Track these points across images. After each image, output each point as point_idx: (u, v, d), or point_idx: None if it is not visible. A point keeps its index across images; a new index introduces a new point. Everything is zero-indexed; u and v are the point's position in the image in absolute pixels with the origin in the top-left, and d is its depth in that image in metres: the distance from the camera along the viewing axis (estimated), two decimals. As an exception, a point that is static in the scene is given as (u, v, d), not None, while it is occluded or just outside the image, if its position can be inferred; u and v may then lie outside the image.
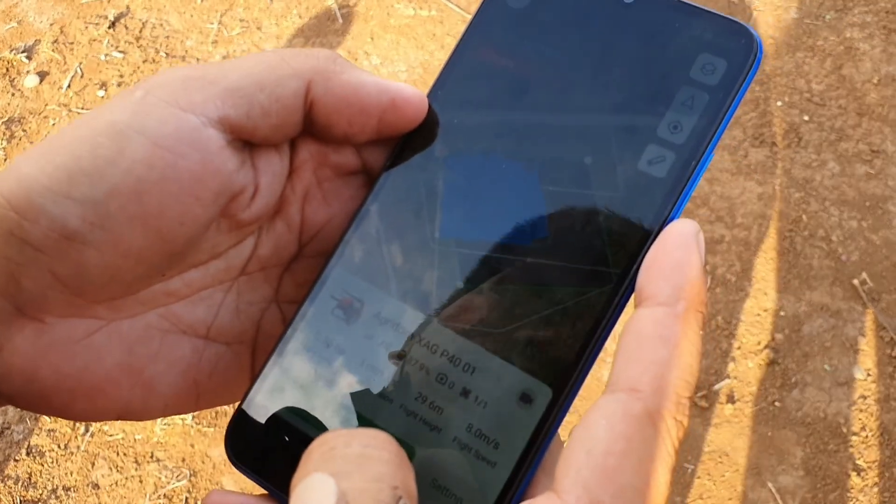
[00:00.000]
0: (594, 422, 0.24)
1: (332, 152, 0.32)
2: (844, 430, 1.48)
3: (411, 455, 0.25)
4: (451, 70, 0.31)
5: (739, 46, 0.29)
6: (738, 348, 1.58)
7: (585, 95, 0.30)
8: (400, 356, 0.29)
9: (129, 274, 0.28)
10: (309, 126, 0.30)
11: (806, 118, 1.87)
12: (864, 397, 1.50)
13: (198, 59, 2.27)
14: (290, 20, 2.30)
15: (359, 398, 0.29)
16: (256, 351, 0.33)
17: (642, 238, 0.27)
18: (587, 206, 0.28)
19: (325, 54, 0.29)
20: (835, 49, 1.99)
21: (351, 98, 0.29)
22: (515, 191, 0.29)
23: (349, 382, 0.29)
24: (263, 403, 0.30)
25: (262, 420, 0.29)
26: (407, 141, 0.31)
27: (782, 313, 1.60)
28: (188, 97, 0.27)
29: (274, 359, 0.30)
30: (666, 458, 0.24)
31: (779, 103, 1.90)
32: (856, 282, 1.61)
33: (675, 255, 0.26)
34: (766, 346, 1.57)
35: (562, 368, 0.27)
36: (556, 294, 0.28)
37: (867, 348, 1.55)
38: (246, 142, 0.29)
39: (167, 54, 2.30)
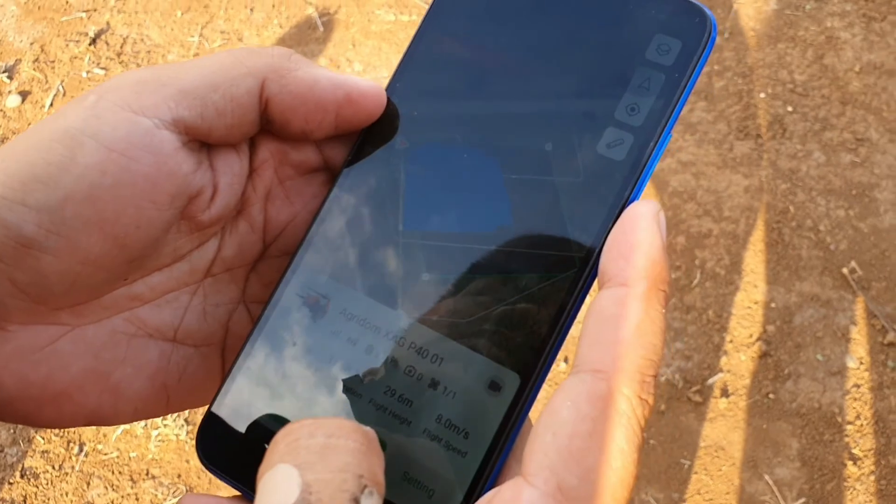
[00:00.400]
0: (559, 404, 0.24)
1: (292, 150, 0.32)
2: (839, 419, 1.48)
3: (382, 448, 0.25)
4: (409, 62, 0.31)
5: (693, 26, 0.29)
6: (731, 341, 1.58)
7: (543, 81, 0.30)
8: (368, 351, 0.29)
9: (90, 279, 0.28)
10: (266, 124, 0.30)
11: (790, 109, 1.87)
12: (858, 386, 1.50)
13: (180, 73, 2.27)
14: (271, 30, 2.30)
15: (328, 394, 0.29)
16: (226, 352, 0.33)
17: (604, 221, 0.28)
18: (549, 191, 0.28)
19: (280, 52, 0.29)
20: (816, 39, 1.99)
21: (306, 94, 0.29)
22: (477, 180, 0.29)
23: (318, 380, 0.29)
24: (232, 405, 0.30)
25: (232, 421, 0.29)
26: (367, 135, 0.31)
27: (773, 305, 1.60)
28: (141, 100, 0.27)
29: (241, 360, 0.30)
30: (632, 437, 0.24)
31: (762, 95, 1.90)
32: (845, 270, 1.61)
33: (635, 236, 0.26)
34: (758, 339, 1.57)
35: (529, 355, 0.27)
36: (521, 281, 0.28)
37: (859, 337, 1.55)
38: (202, 143, 0.29)
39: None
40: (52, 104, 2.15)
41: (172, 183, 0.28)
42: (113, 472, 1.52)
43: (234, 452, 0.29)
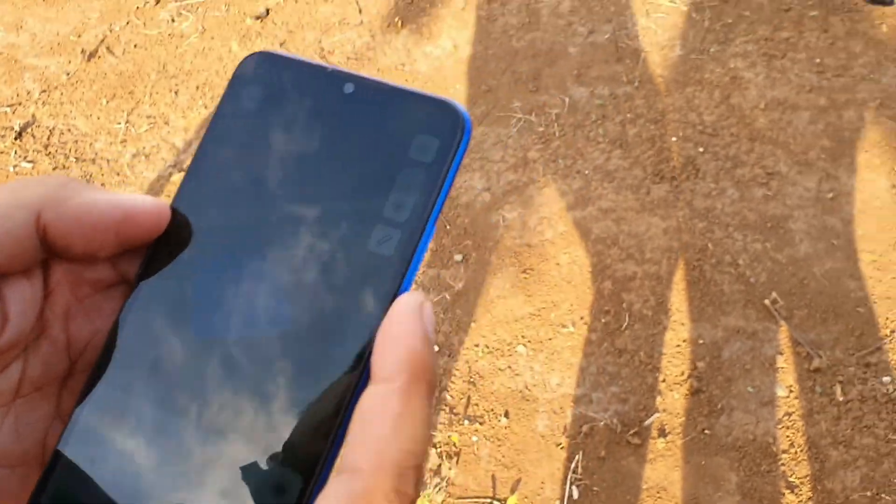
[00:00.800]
0: None
1: (85, 270, 0.32)
2: (774, 449, 1.50)
3: None
4: (192, 174, 0.33)
5: (448, 124, 0.30)
6: (663, 381, 1.60)
7: (318, 185, 0.31)
8: (158, 461, 0.29)
9: None
10: (50, 250, 0.31)
11: (701, 150, 1.94)
12: (789, 414, 1.52)
13: (108, 161, 2.27)
14: (196, 111, 2.33)
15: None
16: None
17: (377, 317, 0.29)
18: (327, 292, 0.30)
19: (56, 181, 0.30)
20: (721, 80, 2.08)
21: (83, 218, 0.30)
22: (258, 284, 0.30)
23: (117, 492, 0.29)
24: None
25: None
26: (155, 249, 0.32)
27: (701, 341, 1.63)
28: None
29: (43, 477, 0.30)
30: None
31: (674, 139, 1.97)
32: (767, 302, 1.66)
33: (397, 329, 0.27)
34: (689, 376, 1.59)
35: (312, 456, 0.28)
36: (303, 383, 0.29)
37: (786, 365, 1.58)
38: None
39: (77, 159, 2.30)
40: (-24, 202, 2.13)
41: None
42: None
43: None
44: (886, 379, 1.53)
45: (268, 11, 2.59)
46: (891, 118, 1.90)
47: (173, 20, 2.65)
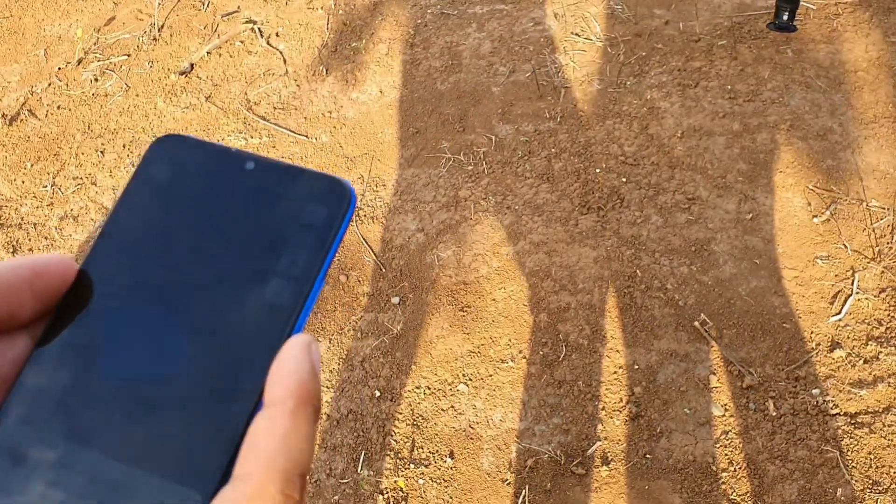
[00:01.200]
0: None
1: (8, 348, 0.33)
2: (714, 468, 1.53)
3: None
4: (102, 238, 0.36)
5: (336, 195, 0.36)
6: (603, 409, 1.62)
7: (221, 246, 0.35)
8: (63, 495, 0.31)
9: None
10: None
11: (624, 179, 1.99)
12: (726, 433, 1.56)
13: (35, 225, 2.23)
14: (124, 170, 2.30)
15: None
16: None
17: (273, 354, 0.32)
18: (227, 335, 0.33)
19: None
20: (639, 111, 2.15)
21: None
22: (161, 337, 0.33)
23: None
24: None
25: None
26: (62, 304, 0.34)
27: (636, 367, 1.66)
28: None
29: None
30: None
31: (598, 170, 2.02)
32: (697, 324, 1.70)
33: (287, 363, 0.31)
34: (627, 402, 1.62)
35: (215, 467, 0.31)
36: (206, 410, 0.32)
37: (720, 385, 1.62)
38: None
39: (2, 225, 2.25)
40: None
41: None
42: None
43: None
44: (815, 391, 1.58)
45: (192, 66, 2.59)
46: (801, 139, 1.99)
47: (96, 79, 2.63)
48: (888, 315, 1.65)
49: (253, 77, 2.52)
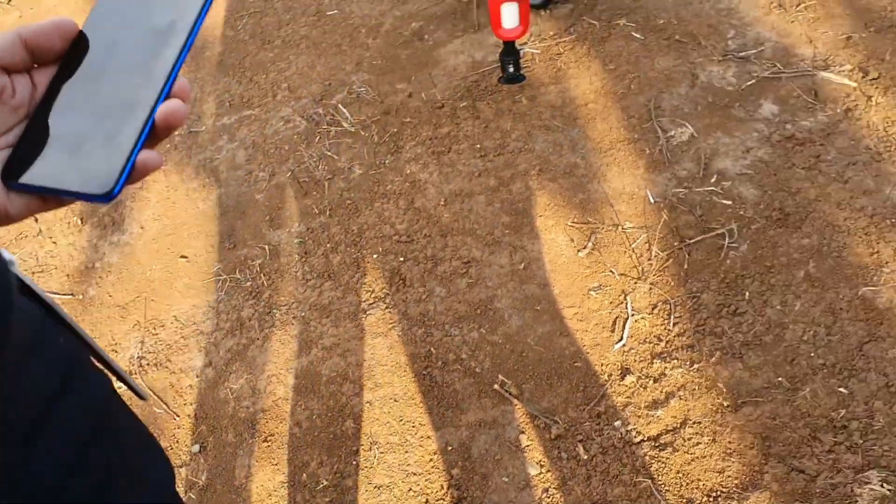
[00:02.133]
0: None
1: (44, 75, 0.56)
2: (544, 528, 1.53)
3: None
4: (89, 22, 0.58)
5: None
6: (426, 502, 1.59)
7: (143, 21, 0.58)
8: (68, 122, 0.55)
9: None
10: (31, 56, 0.54)
11: (402, 259, 2.00)
12: (546, 490, 1.57)
13: None
14: None
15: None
16: None
17: (174, 57, 0.55)
18: (145, 66, 0.55)
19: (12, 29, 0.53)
20: (402, 187, 2.17)
21: (42, 28, 0.54)
22: (115, 70, 0.55)
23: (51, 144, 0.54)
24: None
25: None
26: (68, 53, 0.56)
27: (450, 448, 1.65)
28: None
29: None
30: None
31: (375, 256, 2.02)
32: (497, 386, 1.72)
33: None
34: (448, 487, 1.60)
35: (142, 116, 0.53)
36: (137, 84, 0.54)
37: (531, 441, 1.64)
38: (5, 70, 0.53)
39: None
40: None
41: None
42: None
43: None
44: (617, 423, 1.63)
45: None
46: (551, 179, 2.08)
47: None
48: (664, 329, 1.74)
49: (5, 243, 2.34)
